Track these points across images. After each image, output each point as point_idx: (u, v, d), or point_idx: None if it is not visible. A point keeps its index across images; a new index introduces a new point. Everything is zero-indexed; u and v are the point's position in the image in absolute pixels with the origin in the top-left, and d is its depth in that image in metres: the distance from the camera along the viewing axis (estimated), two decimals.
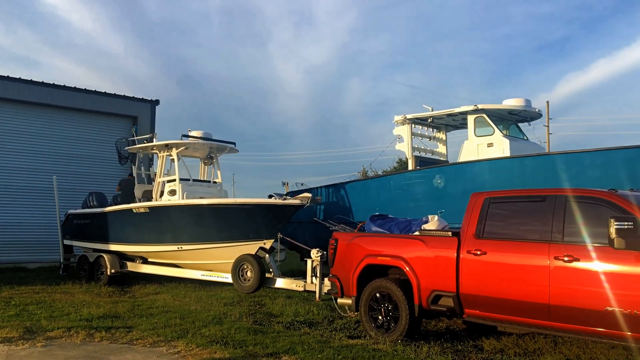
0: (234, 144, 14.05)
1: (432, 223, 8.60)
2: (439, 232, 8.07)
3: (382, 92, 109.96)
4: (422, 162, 15.00)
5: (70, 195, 17.19)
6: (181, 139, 13.29)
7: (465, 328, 9.18)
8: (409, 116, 14.89)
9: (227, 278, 11.76)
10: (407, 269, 8.01)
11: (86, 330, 8.25)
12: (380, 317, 8.32)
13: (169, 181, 13.22)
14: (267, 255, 11.63)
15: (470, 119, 13.71)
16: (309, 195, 11.33)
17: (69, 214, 15.81)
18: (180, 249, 12.57)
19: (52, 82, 18.78)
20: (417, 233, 8.48)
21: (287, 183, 16.71)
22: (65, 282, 14.24)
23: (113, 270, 13.79)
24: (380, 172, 39.10)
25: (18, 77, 18.13)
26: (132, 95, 20.58)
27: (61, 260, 15.73)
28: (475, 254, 7.32)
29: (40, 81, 18.53)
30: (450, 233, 7.86)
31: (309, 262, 10.37)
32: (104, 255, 14.06)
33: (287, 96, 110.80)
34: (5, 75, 17.94)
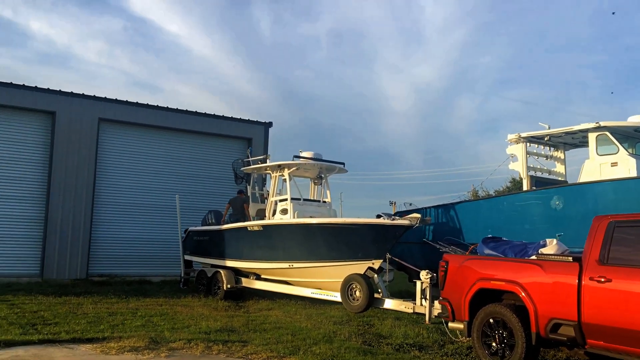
0: (343, 164, 14.27)
1: (551, 247, 8.19)
2: (559, 257, 7.67)
3: (493, 109, 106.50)
4: (538, 183, 14.35)
5: (191, 213, 18.26)
6: (293, 160, 13.72)
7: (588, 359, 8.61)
8: (523, 135, 14.34)
9: (337, 297, 11.88)
10: (523, 294, 7.68)
11: (205, 343, 8.68)
12: (494, 344, 8.03)
13: (281, 200, 13.66)
14: (375, 276, 11.63)
15: (592, 137, 12.95)
16: (418, 215, 11.22)
17: (190, 231, 16.80)
18: (291, 266, 12.92)
19: (175, 107, 20.18)
20: (533, 257, 8.12)
21: (395, 203, 16.66)
22: (185, 295, 15.09)
23: (229, 286, 14.43)
24: (492, 192, 37.89)
25: (146, 102, 19.67)
26: (247, 118, 21.61)
27: (182, 275, 16.70)
28: (599, 281, 6.88)
29: (165, 106, 19.96)
30: (570, 258, 7.45)
31: (418, 283, 10.25)
32: (221, 271, 14.76)
33: (395, 115, 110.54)
34: (134, 101, 19.52)
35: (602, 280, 6.85)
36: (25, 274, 17.17)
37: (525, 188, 14.33)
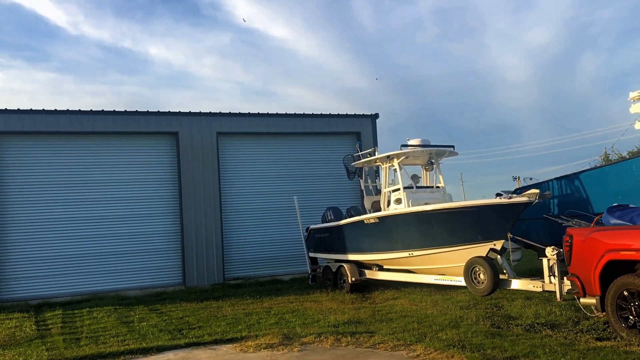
0: (453, 147, 14.06)
1: None
2: None
3: (621, 63, 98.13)
4: None
5: (310, 212, 18.91)
6: (400, 149, 13.76)
7: None
8: None
9: (461, 281, 11.79)
10: None
11: (334, 336, 9.06)
12: (631, 317, 7.63)
13: (394, 190, 13.76)
14: (499, 257, 11.39)
15: None
16: (537, 191, 10.82)
17: (310, 229, 17.42)
18: (411, 255, 12.98)
19: (284, 112, 20.95)
20: None
21: (519, 177, 16.08)
22: (314, 291, 15.71)
23: (353, 279, 14.80)
24: (625, 154, 35.15)
25: (257, 112, 20.63)
26: (353, 113, 21.89)
27: (309, 272, 17.36)
28: None
29: (275, 113, 20.81)
30: None
31: (544, 261, 9.92)
32: (345, 265, 15.17)
33: (511, 86, 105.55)
34: (247, 112, 20.55)
35: None
36: (169, 283, 18.77)
37: None
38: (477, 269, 11.26)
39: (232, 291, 16.89)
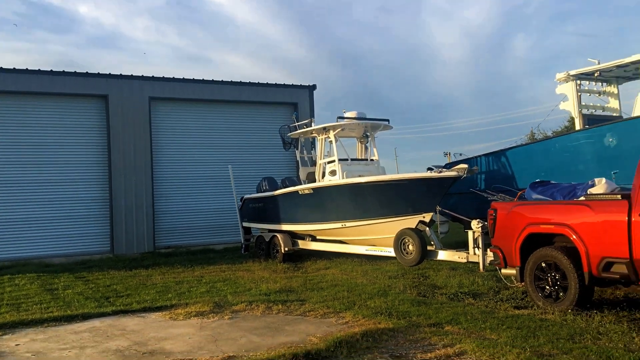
0: (388, 120, 14.26)
1: (600, 186, 8.09)
2: (607, 196, 7.58)
3: (550, 46, 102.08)
4: (592, 121, 13.92)
5: (245, 182, 18.78)
6: (337, 121, 13.83)
7: None
8: (572, 72, 13.89)
9: (390, 252, 12.11)
10: (574, 236, 7.67)
11: (265, 304, 9.12)
12: (547, 287, 8.08)
13: (329, 162, 13.86)
14: (427, 229, 11.76)
15: None
16: (465, 166, 11.19)
17: (245, 199, 17.32)
18: (344, 226, 13.19)
19: (220, 79, 20.51)
20: (582, 198, 8.04)
21: (449, 153, 16.53)
22: (246, 260, 15.70)
23: (286, 249, 14.90)
24: (550, 134, 36.77)
25: (192, 77, 20.12)
26: (291, 83, 21.75)
27: (242, 241, 17.31)
28: None
29: (211, 79, 20.35)
30: (619, 196, 7.35)
31: (470, 233, 10.32)
32: (278, 235, 15.23)
33: (447, 63, 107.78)
34: (181, 77, 20.00)
35: None
36: (97, 251, 18.24)
37: (577, 127, 13.96)
38: (407, 240, 11.59)
39: (163, 260, 16.63)
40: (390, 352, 6.22)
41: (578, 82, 14.04)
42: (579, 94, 14.09)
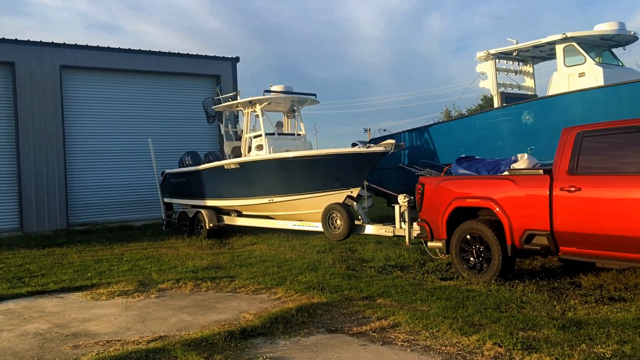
0: (315, 95, 14.17)
1: (522, 162, 8.41)
2: (530, 171, 7.89)
3: (463, 27, 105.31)
4: (509, 99, 14.50)
5: (167, 156, 18.14)
6: (264, 95, 13.58)
7: (561, 265, 9.05)
8: (492, 51, 14.36)
9: (318, 227, 12.13)
10: (498, 209, 7.94)
11: (193, 281, 8.88)
12: (472, 259, 8.36)
13: (255, 136, 13.62)
14: (354, 204, 11.86)
15: (559, 48, 13.02)
16: (393, 141, 11.33)
17: (166, 174, 16.74)
18: (271, 201, 13.06)
19: (138, 48, 19.57)
20: (506, 173, 8.34)
21: (370, 129, 16.69)
22: (169, 237, 15.25)
23: (211, 225, 14.58)
24: (464, 112, 38.11)
25: (107, 46, 19.04)
26: (213, 55, 21.10)
27: (163, 217, 16.77)
28: (569, 191, 7.13)
29: (128, 48, 19.36)
30: (541, 171, 7.67)
31: (396, 207, 10.48)
32: (202, 211, 14.86)
33: (365, 40, 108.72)
34: (95, 45, 18.89)
35: (572, 189, 7.10)
36: (4, 228, 17.08)
37: (496, 105, 14.49)
38: (335, 215, 11.64)
39: (78, 237, 15.84)
40: (326, 326, 6.22)
41: (497, 60, 14.54)
42: (497, 72, 14.62)
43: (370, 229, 11.39)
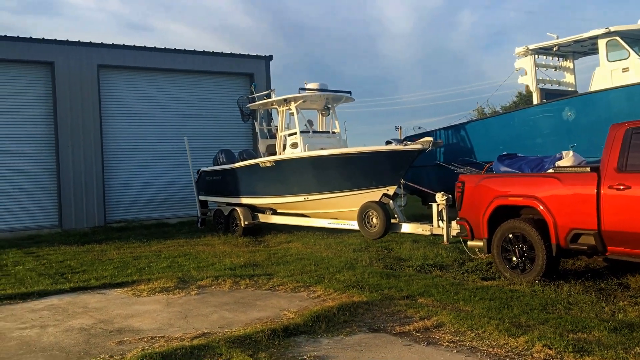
0: (350, 92, 14.09)
1: (567, 159, 8.19)
2: (576, 168, 7.69)
3: (495, 22, 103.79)
4: (549, 95, 14.20)
5: (202, 154, 18.27)
6: (299, 92, 13.56)
7: (607, 266, 8.80)
8: (531, 47, 14.07)
9: (354, 225, 12.05)
10: (542, 208, 7.75)
11: (232, 279, 8.90)
12: (514, 258, 8.19)
13: (290, 134, 13.61)
14: (391, 202, 11.74)
15: (602, 43, 12.67)
16: (430, 139, 11.19)
17: (201, 172, 16.87)
18: (306, 199, 13.03)
19: (173, 48, 19.76)
20: (550, 170, 8.14)
21: (401, 127, 16.54)
22: (204, 235, 15.37)
23: (246, 222, 14.63)
24: (498, 109, 37.52)
25: (143, 45, 19.28)
26: (246, 53, 21.20)
27: (198, 215, 16.91)
28: (618, 189, 6.92)
29: (163, 47, 19.56)
30: (588, 169, 7.46)
31: (434, 206, 10.33)
32: (237, 209, 14.92)
33: (395, 37, 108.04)
34: (132, 44, 19.15)
35: (621, 187, 6.88)
36: (45, 225, 17.45)
37: (535, 101, 14.20)
38: (371, 213, 11.54)
39: (116, 234, 16.08)
40: (369, 325, 6.15)
41: (536, 56, 14.24)
42: (537, 68, 14.32)
43: (406, 228, 11.26)
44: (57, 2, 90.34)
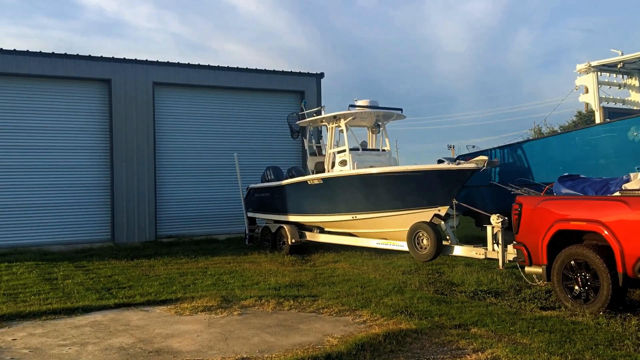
0: (401, 110, 13.75)
1: (636, 181, 7.60)
2: None
3: (552, 41, 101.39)
4: (612, 114, 13.45)
5: (251, 171, 18.25)
6: (348, 109, 13.33)
7: None
8: (593, 63, 13.40)
9: (403, 246, 11.64)
10: (607, 233, 7.20)
11: (275, 299, 8.66)
12: (576, 287, 7.64)
13: (339, 152, 13.36)
14: (442, 222, 11.28)
15: None
16: (485, 158, 10.69)
17: (250, 188, 16.83)
18: (354, 218, 12.71)
19: (225, 66, 19.97)
20: (617, 194, 7.56)
21: (453, 146, 16.06)
22: (251, 252, 15.24)
23: (293, 240, 14.42)
24: (556, 128, 36.28)
25: (197, 63, 19.55)
26: (298, 71, 21.18)
27: (246, 232, 16.83)
28: None
29: (216, 65, 19.79)
30: None
31: (489, 228, 9.84)
32: (284, 226, 14.75)
33: (448, 55, 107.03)
34: (186, 62, 19.44)
35: None
36: (97, 239, 17.76)
37: (597, 120, 13.48)
38: (421, 234, 11.12)
39: (165, 249, 16.17)
40: (417, 357, 5.77)
41: (599, 73, 13.56)
42: (599, 85, 13.63)
43: (459, 250, 10.78)
44: (120, 22, 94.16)
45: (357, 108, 13.44)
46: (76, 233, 17.60)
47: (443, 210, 11.17)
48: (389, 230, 12.22)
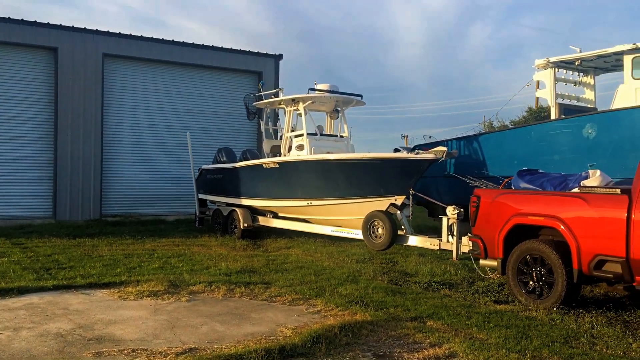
0: (361, 96, 13.53)
1: (594, 179, 7.61)
2: (606, 190, 7.11)
3: (506, 37, 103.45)
4: (567, 110, 13.61)
5: (203, 151, 17.72)
6: (308, 93, 13.01)
7: (628, 295, 8.22)
8: (552, 59, 13.48)
9: (358, 234, 11.48)
10: (564, 230, 7.19)
11: (226, 285, 8.33)
12: (531, 282, 7.62)
13: (296, 136, 13.05)
14: (398, 212, 11.17)
15: (627, 59, 12.08)
16: (444, 149, 10.60)
17: (202, 169, 16.31)
18: (309, 204, 12.46)
19: (181, 41, 19.23)
20: (575, 190, 7.56)
21: (407, 136, 15.97)
22: (201, 234, 14.80)
23: (246, 225, 14.06)
24: (507, 123, 36.92)
25: (151, 36, 18.75)
26: (256, 51, 20.66)
27: (197, 214, 16.34)
28: None
29: (171, 39, 19.04)
30: (619, 190, 6.89)
31: (444, 219, 9.78)
32: (237, 210, 14.36)
33: (405, 46, 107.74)
34: (139, 35, 18.62)
35: None
36: (38, 215, 16.90)
37: (553, 116, 13.62)
38: (377, 223, 10.97)
39: (110, 229, 15.51)
40: (373, 350, 5.58)
41: (556, 69, 13.68)
42: (556, 82, 13.76)
43: (414, 241, 10.70)
44: None
45: (316, 92, 13.12)
46: (15, 208, 16.70)
47: (399, 200, 11.04)
48: (344, 218, 12.03)
